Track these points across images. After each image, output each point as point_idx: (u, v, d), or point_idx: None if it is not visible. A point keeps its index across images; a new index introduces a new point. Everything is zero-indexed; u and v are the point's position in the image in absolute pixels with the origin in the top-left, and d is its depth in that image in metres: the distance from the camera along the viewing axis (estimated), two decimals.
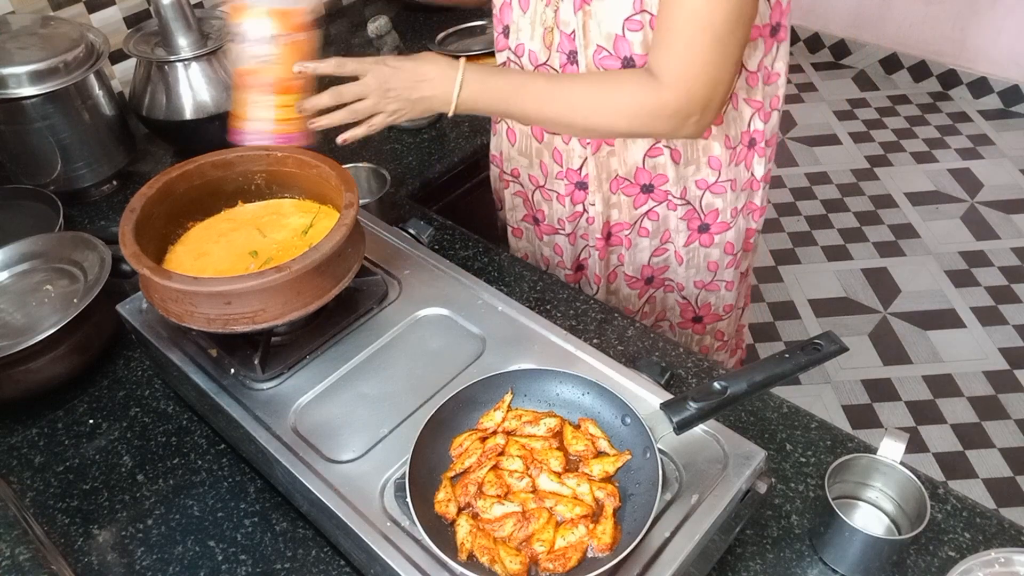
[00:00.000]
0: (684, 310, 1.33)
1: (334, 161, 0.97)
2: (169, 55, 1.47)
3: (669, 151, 1.12)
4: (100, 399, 1.09)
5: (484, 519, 0.73)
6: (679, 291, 1.30)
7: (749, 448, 0.78)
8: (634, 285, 1.29)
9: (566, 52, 1.05)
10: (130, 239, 0.87)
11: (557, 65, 1.07)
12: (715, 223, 1.21)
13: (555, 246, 1.31)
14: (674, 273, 1.28)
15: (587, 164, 1.15)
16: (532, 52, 1.09)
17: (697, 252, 1.24)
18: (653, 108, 0.95)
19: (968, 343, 2.39)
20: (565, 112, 0.99)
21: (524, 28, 1.09)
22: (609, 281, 1.30)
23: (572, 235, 1.26)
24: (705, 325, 1.35)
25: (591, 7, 1.00)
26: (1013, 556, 0.75)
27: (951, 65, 3.39)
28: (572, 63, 1.05)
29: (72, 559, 0.90)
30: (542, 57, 1.08)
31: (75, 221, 1.41)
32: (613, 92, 0.98)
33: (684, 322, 1.35)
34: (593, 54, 1.03)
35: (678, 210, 1.19)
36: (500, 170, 1.35)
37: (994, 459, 2.08)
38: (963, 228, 2.79)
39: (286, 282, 0.83)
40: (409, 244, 1.06)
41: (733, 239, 1.24)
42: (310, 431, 0.84)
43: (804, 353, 0.74)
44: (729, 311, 1.34)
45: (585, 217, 1.23)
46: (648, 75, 0.96)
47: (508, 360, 0.88)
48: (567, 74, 1.05)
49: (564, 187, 1.20)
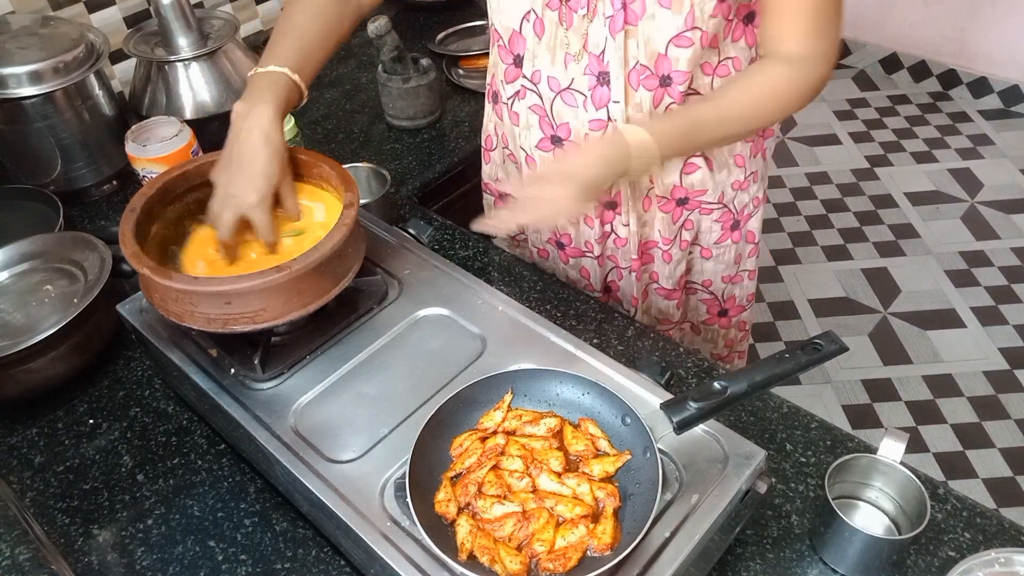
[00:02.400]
0: (710, 306, 1.32)
1: (334, 161, 0.97)
2: (169, 55, 1.47)
3: (705, 161, 1.11)
4: (100, 399, 1.09)
5: (484, 519, 0.73)
6: (705, 288, 1.29)
7: (749, 448, 0.78)
8: (671, 296, 1.27)
9: (595, 74, 1.02)
10: (130, 239, 0.87)
11: (585, 88, 1.04)
12: (743, 217, 1.21)
13: (582, 268, 1.27)
14: (700, 273, 1.27)
15: (618, 183, 1.11)
16: (552, 78, 1.05)
17: (728, 248, 1.24)
18: (812, 89, 0.97)
19: (968, 343, 2.39)
20: (738, 131, 1.02)
21: (541, 54, 1.05)
22: (643, 299, 1.28)
23: (600, 257, 1.23)
24: (731, 318, 1.34)
25: (636, 27, 0.97)
26: (1013, 556, 0.75)
27: (951, 65, 3.39)
28: (602, 84, 1.02)
29: (72, 559, 0.90)
30: (564, 82, 1.05)
31: (75, 221, 1.41)
32: (772, 94, 0.97)
33: (710, 318, 1.34)
34: (629, 73, 1.01)
35: (713, 213, 1.18)
36: (495, 197, 1.33)
37: (994, 459, 2.08)
38: (963, 228, 2.79)
39: (286, 282, 0.83)
40: (409, 244, 1.06)
41: (755, 228, 1.24)
42: (310, 431, 0.83)
43: (804, 353, 0.74)
44: (752, 300, 1.34)
45: (613, 238, 1.20)
46: (788, 64, 0.96)
47: (508, 360, 0.88)
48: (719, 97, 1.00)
49: (593, 208, 1.16)
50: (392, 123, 1.62)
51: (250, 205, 0.89)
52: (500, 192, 1.31)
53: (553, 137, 1.11)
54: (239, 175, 0.89)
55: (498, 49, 1.12)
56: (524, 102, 1.11)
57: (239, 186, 0.89)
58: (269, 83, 0.93)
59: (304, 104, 1.00)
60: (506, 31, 1.07)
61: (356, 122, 1.66)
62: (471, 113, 1.65)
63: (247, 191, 0.89)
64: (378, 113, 1.65)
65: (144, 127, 1.34)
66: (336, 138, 1.61)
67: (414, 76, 1.54)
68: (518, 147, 1.18)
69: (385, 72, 1.56)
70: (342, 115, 1.68)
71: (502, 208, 0.94)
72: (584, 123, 1.07)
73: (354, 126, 1.64)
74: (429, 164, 1.52)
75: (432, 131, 1.61)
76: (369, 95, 1.73)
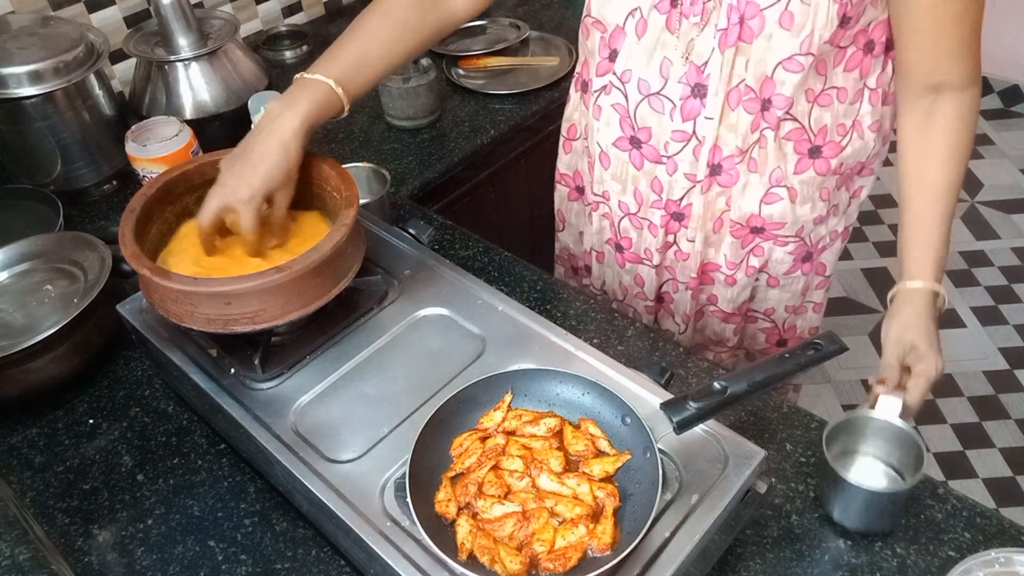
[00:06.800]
0: (769, 335, 1.28)
1: (334, 161, 0.97)
2: (169, 55, 1.47)
3: (787, 191, 1.07)
4: (100, 399, 1.09)
5: (484, 519, 0.73)
6: (767, 316, 1.25)
7: (749, 448, 0.77)
8: (729, 320, 1.23)
9: (691, 84, 0.99)
10: (130, 239, 0.87)
11: (676, 97, 1.01)
12: (817, 250, 1.18)
13: (636, 275, 1.24)
14: (763, 301, 1.23)
15: (690, 196, 1.09)
16: (643, 80, 1.02)
17: (797, 280, 1.20)
18: (978, 110, 0.98)
19: (968, 343, 2.39)
20: (959, 186, 1.04)
21: (637, 55, 1.02)
22: (696, 319, 1.25)
23: (659, 267, 1.20)
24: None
25: (750, 45, 0.94)
26: (1013, 556, 0.75)
27: None
28: (696, 96, 0.99)
29: (72, 559, 0.90)
30: (655, 86, 1.02)
31: (75, 221, 1.41)
32: (968, 132, 0.98)
33: (767, 347, 1.30)
34: (730, 91, 0.97)
35: (788, 246, 1.14)
36: (571, 189, 1.29)
37: (994, 459, 2.08)
38: (963, 228, 2.79)
39: (286, 282, 0.83)
40: (409, 244, 1.06)
41: (828, 260, 1.20)
42: (310, 431, 0.83)
43: (804, 353, 0.74)
44: (815, 333, 1.25)
45: (674, 250, 1.17)
46: (959, 94, 0.95)
47: (508, 360, 0.88)
48: (937, 183, 1.04)
49: (660, 217, 1.13)
50: (392, 123, 1.62)
51: (240, 200, 0.89)
52: (578, 184, 1.27)
53: (632, 139, 1.09)
54: (241, 168, 0.90)
55: (598, 40, 1.07)
56: (608, 98, 1.09)
57: (237, 178, 0.89)
58: (310, 91, 0.93)
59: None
60: (610, 24, 1.04)
61: (356, 122, 1.65)
62: (471, 113, 1.65)
63: (242, 186, 0.89)
64: (378, 113, 1.65)
65: (144, 127, 1.34)
66: (336, 138, 1.61)
67: (414, 76, 1.54)
68: (595, 141, 1.15)
69: None
70: None
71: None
72: (667, 132, 1.04)
73: (354, 126, 1.64)
74: (429, 164, 1.52)
75: (432, 131, 1.61)
76: (369, 95, 1.71)
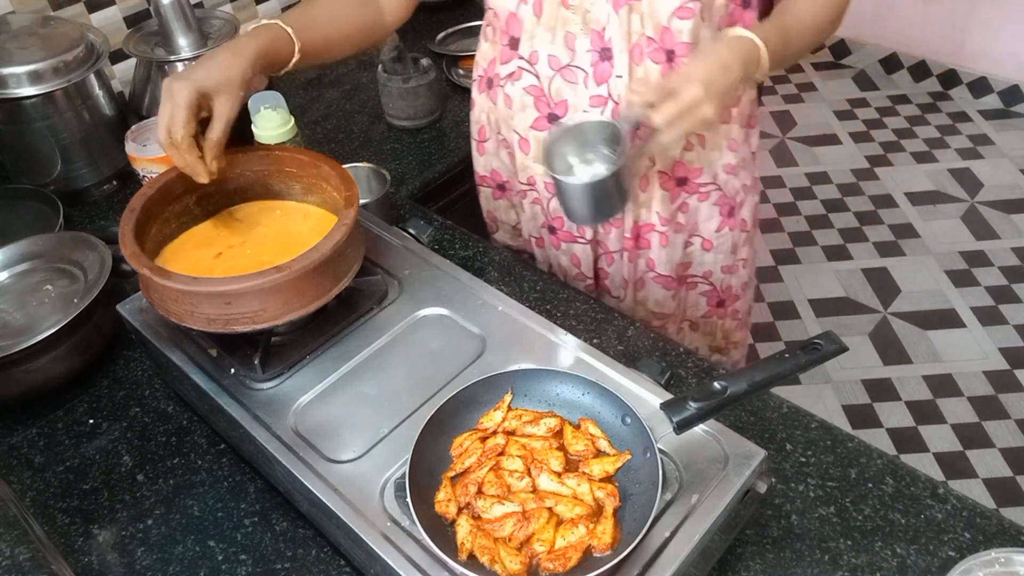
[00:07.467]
0: (709, 298, 1.32)
1: (334, 161, 0.97)
2: (169, 55, 1.47)
3: (698, 139, 1.13)
4: (100, 399, 1.09)
5: (484, 519, 0.73)
6: (706, 279, 1.29)
7: (749, 448, 0.78)
8: (669, 285, 1.27)
9: (598, 50, 1.04)
10: (130, 239, 0.87)
11: (587, 65, 1.06)
12: (737, 204, 1.22)
13: (572, 255, 1.27)
14: (700, 264, 1.27)
15: None
16: (552, 56, 1.07)
17: (726, 237, 1.25)
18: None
19: (968, 343, 2.39)
20: (812, 40, 1.05)
21: (540, 35, 1.07)
22: (636, 289, 1.27)
23: (592, 242, 1.24)
24: (727, 308, 1.35)
25: (640, 2, 1.00)
26: (1013, 556, 0.75)
27: (951, 65, 3.39)
28: (605, 60, 1.05)
29: (72, 559, 0.90)
30: (564, 60, 1.07)
31: (75, 221, 1.41)
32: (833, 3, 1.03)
33: (708, 311, 1.34)
34: (632, 48, 1.03)
35: (711, 197, 1.19)
36: (493, 188, 1.33)
37: (994, 459, 2.08)
38: (963, 228, 2.79)
39: (286, 282, 0.84)
40: (409, 244, 1.06)
41: (747, 216, 1.25)
42: (310, 431, 0.84)
43: (804, 353, 0.74)
44: (746, 289, 1.35)
45: None
46: None
47: (508, 360, 0.88)
48: (791, 8, 1.03)
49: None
50: (392, 123, 1.62)
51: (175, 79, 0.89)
52: (498, 182, 1.31)
53: (550, 115, 1.12)
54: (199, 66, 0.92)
55: (493, 32, 1.14)
56: (519, 84, 1.13)
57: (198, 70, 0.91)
58: (264, 29, 0.98)
59: (304, 104, 1.00)
60: (503, 12, 1.10)
61: (356, 122, 1.66)
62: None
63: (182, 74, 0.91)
64: (378, 113, 1.65)
65: (144, 127, 1.34)
66: (336, 138, 1.61)
67: (414, 76, 1.55)
68: (511, 130, 1.18)
69: (385, 72, 1.56)
70: (342, 115, 1.68)
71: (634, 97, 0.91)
72: (584, 99, 1.08)
73: (354, 126, 1.64)
74: (429, 164, 1.52)
75: (432, 131, 1.61)
76: (369, 95, 1.72)
